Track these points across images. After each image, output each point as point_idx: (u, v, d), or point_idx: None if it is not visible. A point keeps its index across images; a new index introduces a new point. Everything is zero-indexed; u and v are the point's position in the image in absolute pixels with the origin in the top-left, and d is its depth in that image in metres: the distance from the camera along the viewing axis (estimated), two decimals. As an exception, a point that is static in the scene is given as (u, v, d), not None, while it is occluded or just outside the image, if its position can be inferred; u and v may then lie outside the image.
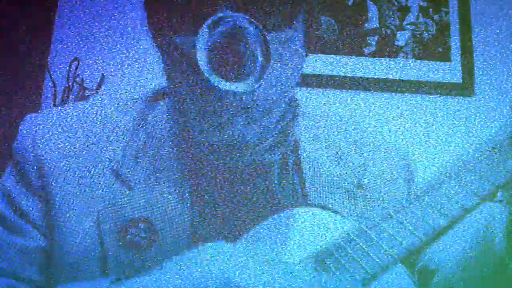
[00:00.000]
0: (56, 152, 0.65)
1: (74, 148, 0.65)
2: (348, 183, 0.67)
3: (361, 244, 0.54)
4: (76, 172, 0.64)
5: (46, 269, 0.63)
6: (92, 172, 0.64)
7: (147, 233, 0.61)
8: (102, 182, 0.63)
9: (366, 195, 0.67)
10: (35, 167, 0.64)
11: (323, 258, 0.54)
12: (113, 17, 1.61)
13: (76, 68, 1.55)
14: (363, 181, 0.68)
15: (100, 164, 0.64)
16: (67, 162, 0.64)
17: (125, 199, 0.62)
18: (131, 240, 0.60)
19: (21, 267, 0.62)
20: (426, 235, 0.53)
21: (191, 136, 0.64)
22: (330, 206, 0.63)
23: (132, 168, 0.64)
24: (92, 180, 0.63)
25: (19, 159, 0.66)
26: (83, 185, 0.63)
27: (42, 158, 0.64)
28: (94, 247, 0.61)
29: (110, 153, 0.65)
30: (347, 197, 0.66)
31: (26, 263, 0.62)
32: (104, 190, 0.63)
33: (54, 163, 0.64)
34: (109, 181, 0.63)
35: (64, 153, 0.65)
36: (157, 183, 0.63)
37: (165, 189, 0.63)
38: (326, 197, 0.66)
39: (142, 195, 0.63)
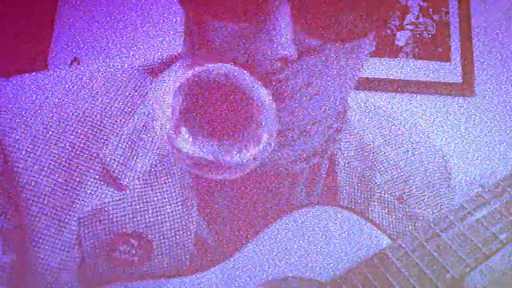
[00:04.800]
0: (28, 140, 0.49)
1: (51, 133, 0.49)
2: (388, 194, 0.57)
3: (400, 267, 0.47)
4: (53, 166, 0.49)
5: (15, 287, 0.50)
6: (73, 166, 0.49)
7: (139, 251, 0.48)
8: (86, 179, 0.49)
9: (407, 210, 0.58)
10: (1, 160, 0.49)
11: (351, 276, 0.48)
12: (113, 17, 1.61)
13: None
14: (404, 193, 0.58)
15: (84, 156, 0.50)
16: (41, 153, 0.49)
17: (115, 202, 0.48)
18: (119, 258, 0.48)
19: None
20: (476, 260, 0.47)
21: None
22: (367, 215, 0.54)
23: (126, 163, 0.50)
24: (73, 177, 0.49)
25: None
26: (62, 184, 0.48)
27: (10, 148, 0.49)
28: (74, 262, 0.48)
29: (97, 141, 0.50)
30: (386, 210, 0.56)
31: None
32: (88, 190, 0.49)
33: (24, 154, 0.48)
34: (95, 178, 0.49)
35: (38, 140, 0.49)
36: (157, 183, 0.50)
37: (166, 192, 0.50)
38: (363, 207, 0.56)
39: (137, 198, 0.49)
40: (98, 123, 0.51)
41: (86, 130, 0.51)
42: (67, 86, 0.53)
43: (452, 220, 0.49)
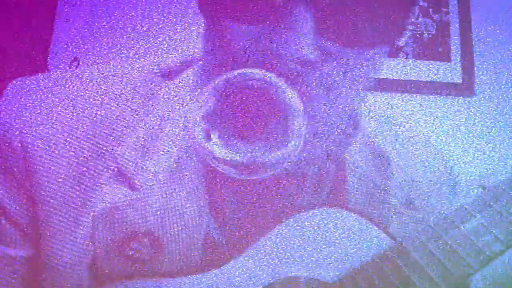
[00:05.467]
0: (45, 139, 0.50)
1: (67, 133, 0.51)
2: (394, 198, 0.57)
3: (404, 268, 0.47)
4: (70, 166, 0.50)
5: (30, 281, 0.52)
6: (87, 165, 0.51)
7: (150, 250, 0.49)
8: (100, 178, 0.51)
9: (413, 213, 0.57)
10: (21, 157, 0.50)
11: (355, 276, 0.48)
12: (113, 17, 1.61)
13: (76, 68, 1.55)
14: (411, 197, 0.58)
15: (98, 155, 0.51)
16: (57, 152, 0.50)
17: (128, 202, 0.49)
18: (131, 255, 0.49)
19: (1, 279, 0.51)
20: (480, 263, 0.47)
21: None
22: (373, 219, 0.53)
23: (139, 163, 0.51)
24: (87, 176, 0.50)
25: (2, 146, 0.51)
26: (77, 183, 0.50)
27: (30, 145, 0.50)
28: (87, 258, 0.50)
29: (111, 141, 0.51)
30: (393, 213, 0.56)
31: (8, 276, 0.51)
32: (102, 189, 0.50)
33: (43, 153, 0.50)
34: (109, 177, 0.50)
35: (54, 140, 0.51)
36: (169, 183, 0.50)
37: (179, 193, 0.50)
38: (369, 210, 0.55)
39: (149, 198, 0.50)
40: (112, 123, 0.52)
41: (100, 130, 0.52)
42: (80, 86, 0.54)
43: (456, 222, 0.49)
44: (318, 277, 0.49)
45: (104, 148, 0.51)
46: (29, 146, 0.50)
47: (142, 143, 0.52)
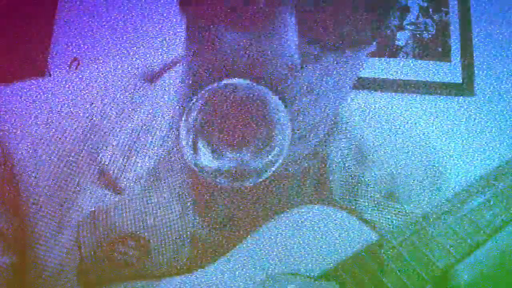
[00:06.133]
0: (27, 143, 0.49)
1: (50, 137, 0.50)
2: (377, 192, 0.57)
3: (388, 261, 0.48)
4: (52, 171, 0.49)
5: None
6: (71, 169, 0.50)
7: (137, 251, 0.49)
8: (84, 182, 0.50)
9: (396, 206, 0.58)
10: (2, 163, 0.49)
11: (340, 271, 0.48)
12: (113, 17, 1.61)
13: (76, 68, 1.55)
14: (393, 191, 0.58)
15: (82, 159, 0.50)
16: (40, 157, 0.49)
17: (113, 205, 0.49)
18: (117, 258, 0.49)
19: None
20: (462, 253, 0.48)
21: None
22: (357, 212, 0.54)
23: (123, 167, 0.50)
24: (71, 180, 0.50)
25: None
26: (60, 188, 0.49)
27: (10, 150, 0.49)
28: (73, 263, 0.49)
29: (96, 144, 0.51)
30: (375, 207, 0.57)
31: None
32: (87, 193, 0.49)
33: (24, 158, 0.49)
34: (94, 181, 0.50)
35: (37, 145, 0.50)
36: (154, 185, 0.50)
37: (163, 194, 0.50)
38: (353, 205, 0.56)
39: (134, 202, 0.49)
40: (96, 126, 0.52)
41: (84, 133, 0.51)
42: (65, 90, 0.53)
43: (439, 214, 0.50)
44: (304, 273, 0.50)
45: (88, 152, 0.51)
46: (10, 151, 0.49)
47: (127, 145, 0.51)
